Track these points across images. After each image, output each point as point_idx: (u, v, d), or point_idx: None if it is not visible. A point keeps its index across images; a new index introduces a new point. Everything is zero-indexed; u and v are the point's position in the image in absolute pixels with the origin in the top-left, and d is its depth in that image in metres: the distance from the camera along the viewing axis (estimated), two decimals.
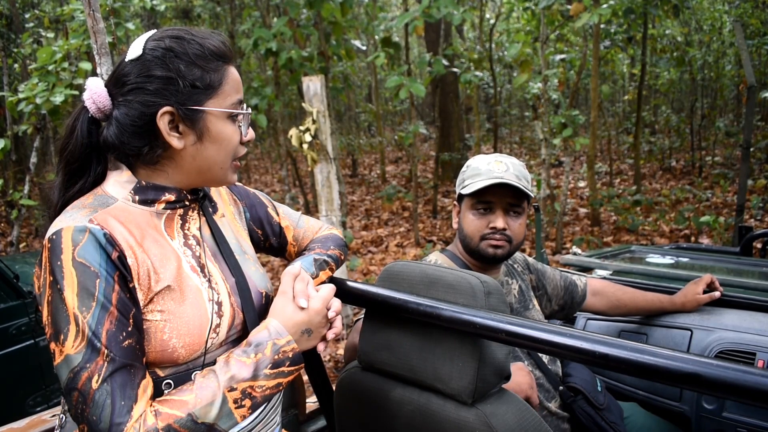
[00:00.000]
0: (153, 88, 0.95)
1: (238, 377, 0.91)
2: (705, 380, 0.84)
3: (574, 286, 1.88)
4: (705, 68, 10.66)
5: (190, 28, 1.01)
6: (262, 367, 0.93)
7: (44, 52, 4.71)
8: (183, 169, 1.01)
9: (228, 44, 1.02)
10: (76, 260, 0.87)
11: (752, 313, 1.82)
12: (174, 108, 0.95)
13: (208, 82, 0.97)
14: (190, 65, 0.96)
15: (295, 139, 4.47)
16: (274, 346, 0.95)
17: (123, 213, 0.97)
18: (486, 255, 1.59)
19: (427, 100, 14.65)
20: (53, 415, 1.65)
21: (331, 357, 4.20)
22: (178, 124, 0.97)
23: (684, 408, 1.77)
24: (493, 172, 1.56)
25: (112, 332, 0.87)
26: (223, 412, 0.89)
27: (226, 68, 1.00)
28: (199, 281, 0.99)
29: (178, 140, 0.97)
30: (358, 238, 7.53)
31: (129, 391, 0.85)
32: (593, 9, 5.50)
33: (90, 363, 0.85)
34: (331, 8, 5.62)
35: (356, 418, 1.29)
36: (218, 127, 0.99)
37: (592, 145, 7.03)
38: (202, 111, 0.97)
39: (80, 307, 0.86)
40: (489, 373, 1.09)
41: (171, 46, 0.96)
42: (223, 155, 1.01)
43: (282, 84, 7.18)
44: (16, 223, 5.88)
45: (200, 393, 0.88)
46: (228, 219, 1.17)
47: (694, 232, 6.56)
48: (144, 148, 0.97)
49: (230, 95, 1.00)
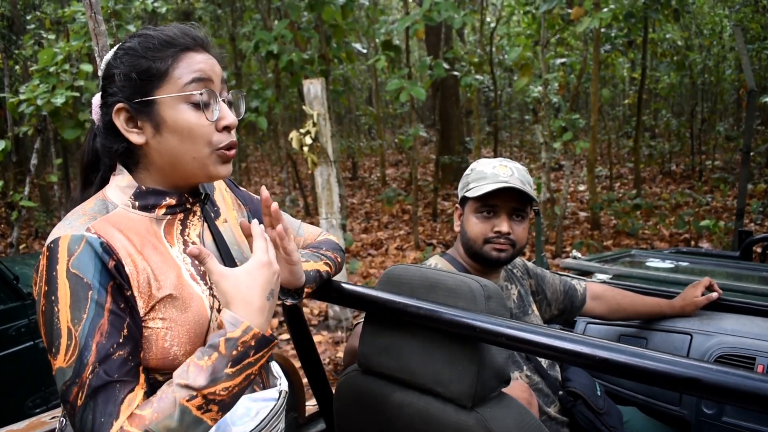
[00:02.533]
0: (111, 89, 0.97)
1: (194, 385, 0.82)
2: (705, 385, 0.84)
3: (574, 291, 1.88)
4: (705, 72, 10.67)
5: (159, 26, 1.01)
6: (220, 368, 0.84)
7: (45, 53, 4.72)
8: (157, 166, 0.99)
9: (193, 34, 0.99)
10: (70, 271, 0.86)
11: (752, 318, 1.82)
12: (125, 103, 0.95)
13: (154, 72, 0.95)
14: (138, 58, 0.95)
15: (296, 141, 4.48)
16: (228, 342, 0.84)
17: (123, 220, 0.96)
18: (489, 258, 1.59)
19: (427, 103, 14.65)
20: (53, 417, 1.65)
21: (330, 360, 4.19)
22: (135, 119, 0.96)
23: (684, 412, 1.77)
24: (499, 176, 1.56)
25: (102, 345, 0.85)
26: (188, 421, 0.82)
27: (180, 55, 0.96)
28: (199, 289, 0.98)
29: (137, 135, 0.97)
30: (358, 241, 7.53)
31: (110, 408, 0.83)
32: (594, 13, 5.51)
33: (78, 378, 0.84)
34: (332, 11, 5.63)
35: (356, 421, 1.29)
36: (174, 115, 0.95)
37: (593, 148, 7.03)
38: (152, 101, 0.95)
39: (72, 320, 0.85)
40: (489, 377, 1.09)
41: (127, 46, 0.97)
42: (189, 145, 0.96)
43: (282, 86, 7.20)
44: (16, 225, 5.89)
45: (158, 406, 0.83)
46: (230, 224, 1.16)
47: (694, 236, 6.56)
48: (113, 147, 0.99)
49: (183, 80, 0.95)
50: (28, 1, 8.52)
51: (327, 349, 4.38)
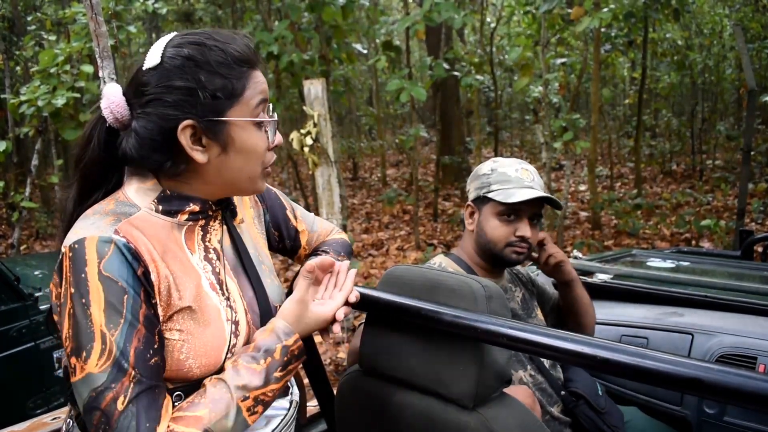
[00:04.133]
0: (172, 99, 0.90)
1: (251, 386, 0.89)
2: (706, 385, 0.83)
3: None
4: (705, 72, 10.67)
5: (212, 31, 0.95)
6: (273, 371, 0.91)
7: (46, 54, 4.72)
8: (209, 182, 0.97)
9: (252, 46, 0.97)
10: (102, 274, 0.84)
11: (753, 317, 1.82)
12: (195, 121, 0.90)
13: (230, 91, 0.92)
14: (211, 74, 0.90)
15: (297, 142, 4.48)
16: (284, 349, 0.93)
17: (146, 224, 0.92)
18: (509, 261, 1.60)
19: (427, 103, 14.64)
20: (54, 418, 1.65)
21: (331, 360, 4.19)
22: (200, 137, 0.92)
23: (685, 412, 1.77)
24: (524, 180, 1.57)
25: (140, 351, 0.84)
26: (238, 421, 0.87)
27: (250, 73, 0.94)
28: (218, 300, 0.96)
29: (201, 154, 0.92)
30: (359, 242, 7.53)
31: (153, 413, 0.83)
32: (594, 13, 5.50)
33: (116, 383, 0.82)
34: (333, 12, 5.63)
35: (357, 422, 1.29)
36: (243, 137, 0.94)
37: (593, 148, 7.03)
38: (225, 122, 0.92)
39: (107, 324, 0.83)
40: (490, 378, 1.09)
41: (191, 54, 0.91)
42: (251, 165, 0.97)
43: (283, 87, 7.19)
44: (17, 226, 5.89)
45: (214, 407, 0.86)
46: (247, 224, 1.14)
47: (694, 235, 6.56)
48: (166, 163, 0.93)
49: (254, 102, 0.94)
50: (29, 3, 8.54)
51: (328, 349, 4.38)
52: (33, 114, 4.74)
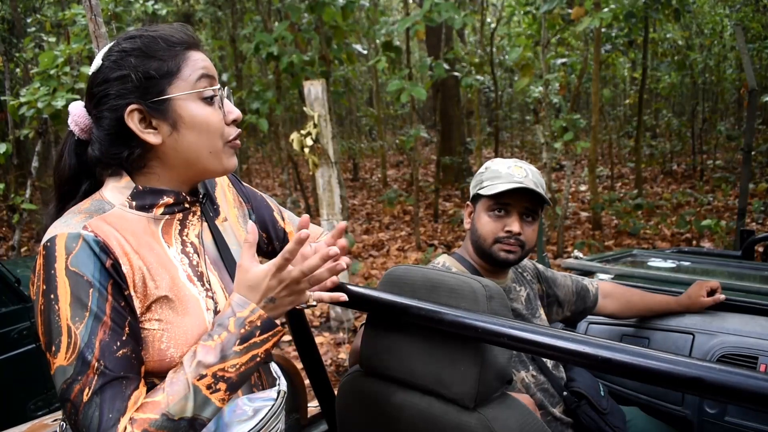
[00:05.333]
0: (114, 91, 0.95)
1: (205, 363, 0.88)
2: (707, 384, 0.83)
3: (586, 291, 1.87)
4: (706, 72, 10.67)
5: (149, 26, 1.00)
6: (230, 345, 0.89)
7: (46, 56, 4.72)
8: (173, 166, 0.99)
9: (189, 32, 1.01)
10: (69, 269, 0.86)
11: (754, 317, 1.82)
12: (137, 104, 0.94)
13: (165, 70, 0.95)
14: (143, 58, 0.94)
15: (297, 143, 4.48)
16: (238, 320, 0.91)
17: (119, 220, 0.95)
18: (498, 259, 1.59)
19: (428, 104, 14.66)
20: (54, 420, 1.65)
21: (332, 361, 4.19)
22: (150, 120, 0.96)
23: (686, 412, 1.77)
24: (514, 176, 1.56)
25: (106, 343, 0.86)
26: (199, 401, 0.87)
27: (186, 53, 0.98)
28: (196, 291, 0.98)
29: (154, 136, 0.96)
30: (360, 242, 7.53)
31: (118, 404, 0.84)
32: (594, 13, 5.51)
33: (81, 375, 0.84)
34: (333, 12, 5.64)
35: (358, 422, 1.29)
36: (190, 111, 0.96)
37: (593, 148, 7.03)
38: (168, 99, 0.95)
39: (73, 317, 0.85)
40: (491, 378, 1.09)
41: (124, 48, 0.96)
42: (208, 139, 0.98)
43: (283, 88, 7.20)
44: (17, 227, 5.89)
45: (170, 389, 0.87)
46: (231, 223, 1.15)
47: (695, 235, 6.55)
48: (124, 153, 0.97)
49: (193, 77, 0.97)
50: (29, 4, 8.54)
51: (329, 350, 4.38)
52: (33, 116, 4.73)
